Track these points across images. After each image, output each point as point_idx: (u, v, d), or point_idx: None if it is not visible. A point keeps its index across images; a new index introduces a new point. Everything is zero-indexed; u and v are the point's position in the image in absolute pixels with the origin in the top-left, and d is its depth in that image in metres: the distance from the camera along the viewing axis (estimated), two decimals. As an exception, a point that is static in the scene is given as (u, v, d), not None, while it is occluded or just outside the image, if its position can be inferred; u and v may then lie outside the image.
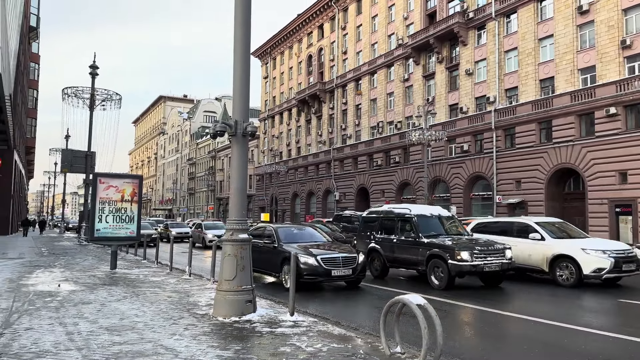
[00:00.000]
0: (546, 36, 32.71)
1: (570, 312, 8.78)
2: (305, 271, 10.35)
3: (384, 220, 13.80)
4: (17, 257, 17.43)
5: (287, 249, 10.91)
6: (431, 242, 11.70)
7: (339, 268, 10.51)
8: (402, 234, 12.79)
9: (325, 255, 10.64)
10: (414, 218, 12.58)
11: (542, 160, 31.76)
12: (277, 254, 11.27)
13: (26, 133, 49.39)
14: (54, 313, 7.16)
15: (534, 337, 6.75)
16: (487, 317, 8.23)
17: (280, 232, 12.22)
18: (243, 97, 7.25)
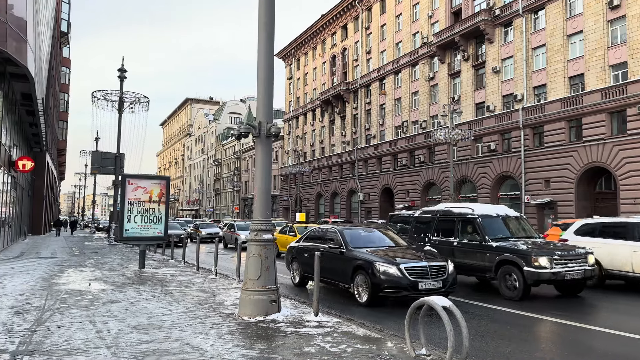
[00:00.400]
0: (575, 32, 31.96)
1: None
2: (386, 283, 8.59)
3: (441, 221, 12.39)
4: (49, 257, 17.92)
5: (360, 255, 9.36)
6: (501, 247, 10.33)
7: (426, 280, 8.66)
8: (463, 237, 11.47)
9: (410, 264, 8.79)
10: (478, 219, 11.22)
11: (571, 159, 31.05)
12: (346, 261, 9.56)
13: (58, 136, 50.75)
14: (84, 311, 7.34)
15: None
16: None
17: (347, 234, 10.39)
18: (267, 98, 7.30)
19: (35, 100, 21.92)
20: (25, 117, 26.75)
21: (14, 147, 23.59)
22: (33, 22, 19.50)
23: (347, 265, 9.47)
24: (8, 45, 15.93)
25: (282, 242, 19.87)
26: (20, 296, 8.72)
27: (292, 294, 10.02)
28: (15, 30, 16.73)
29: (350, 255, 9.55)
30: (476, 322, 7.49)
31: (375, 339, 5.89)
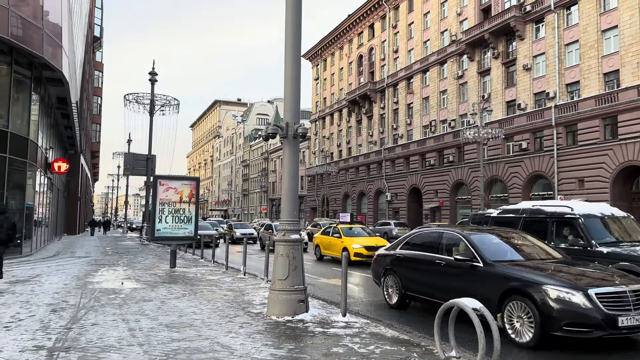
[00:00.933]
0: (610, 27, 31.05)
1: None
2: (566, 318, 5.87)
3: (529, 222, 10.38)
4: (84, 256, 18.42)
5: (511, 272, 6.60)
6: (615, 253, 8.54)
7: (628, 313, 5.87)
8: (559, 241, 9.54)
9: (604, 289, 6.02)
10: (579, 219, 9.38)
11: (606, 157, 30.16)
12: (486, 281, 6.82)
13: (91, 138, 52.14)
14: (118, 310, 7.52)
15: None
16: None
17: (478, 241, 7.49)
18: (294, 99, 7.33)
19: (69, 104, 22.59)
20: (61, 120, 27.60)
21: (49, 150, 24.35)
22: (67, 28, 20.09)
23: (489, 286, 6.72)
24: (44, 51, 16.46)
25: (325, 244, 18.99)
26: (57, 294, 8.99)
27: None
28: (50, 36, 17.28)
29: (493, 272, 6.78)
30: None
31: (404, 341, 5.84)
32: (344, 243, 17.27)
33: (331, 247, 18.35)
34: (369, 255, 15.88)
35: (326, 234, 19.57)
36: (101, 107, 55.43)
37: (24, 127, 17.64)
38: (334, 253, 18.00)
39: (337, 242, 18.01)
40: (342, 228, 19.15)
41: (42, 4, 16.79)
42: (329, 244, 18.62)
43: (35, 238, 19.89)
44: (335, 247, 17.97)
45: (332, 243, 18.40)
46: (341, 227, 19.31)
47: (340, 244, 17.57)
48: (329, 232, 19.47)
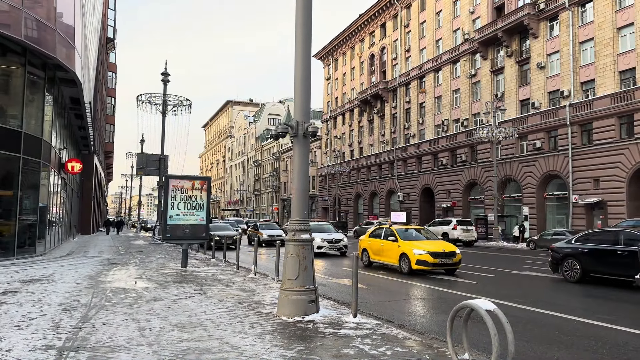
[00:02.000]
0: (626, 25, 30.57)
1: None
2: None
3: None
4: (96, 255, 18.55)
5: None
6: None
7: None
8: None
9: None
10: None
11: (622, 157, 29.69)
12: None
13: (105, 138, 52.61)
14: (128, 309, 7.51)
15: None
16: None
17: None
18: (304, 98, 7.27)
19: (83, 104, 22.78)
20: (74, 120, 27.84)
21: (63, 150, 24.57)
22: (81, 29, 20.25)
23: None
24: (58, 52, 16.59)
25: (375, 249, 16.15)
26: (69, 293, 9.02)
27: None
28: (64, 38, 17.42)
29: None
30: (522, 327, 7.21)
31: (416, 342, 5.75)
32: (402, 248, 14.41)
33: (384, 253, 15.56)
34: (434, 263, 13.69)
35: (376, 236, 16.66)
36: (115, 107, 55.90)
37: (38, 127, 17.80)
38: (388, 259, 15.28)
39: (392, 246, 15.07)
40: (397, 230, 16.14)
41: (55, 6, 16.91)
42: (381, 249, 15.78)
43: (49, 237, 20.06)
44: (389, 253, 15.17)
45: (385, 248, 15.51)
46: (396, 229, 16.29)
47: (396, 249, 14.71)
48: (380, 234, 16.60)
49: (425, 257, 13.72)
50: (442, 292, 10.85)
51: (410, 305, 9.42)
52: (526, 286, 12.20)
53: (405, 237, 15.19)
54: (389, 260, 15.15)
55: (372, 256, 16.28)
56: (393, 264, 14.82)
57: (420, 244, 14.48)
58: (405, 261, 14.04)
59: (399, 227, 17.07)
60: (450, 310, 4.42)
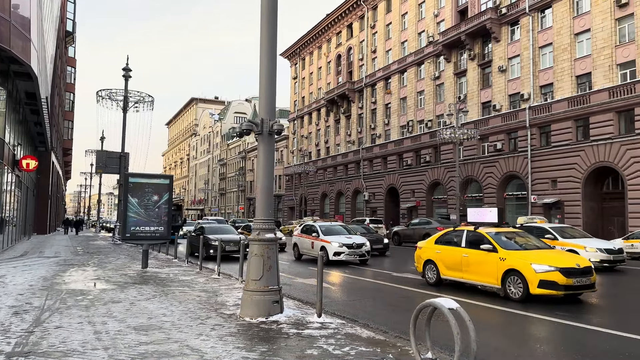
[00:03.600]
0: (583, 31, 31.65)
1: None
2: None
3: None
4: (52, 256, 17.87)
5: None
6: None
7: None
8: None
9: None
10: None
11: (579, 158, 30.75)
12: None
13: (63, 135, 50.88)
14: (84, 312, 7.23)
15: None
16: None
17: None
18: (269, 95, 7.16)
19: (39, 99, 21.91)
20: (30, 116, 26.77)
21: (18, 146, 23.59)
22: (37, 21, 19.46)
23: None
24: (12, 44, 15.88)
25: (451, 262, 11.28)
26: (21, 296, 8.63)
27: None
28: (19, 29, 16.68)
29: None
30: (483, 324, 7.31)
31: (380, 342, 5.74)
32: (509, 262, 9.88)
33: (470, 268, 10.77)
34: (568, 285, 9.38)
35: (449, 243, 11.74)
36: (74, 103, 54.14)
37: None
38: (477, 277, 10.56)
39: (485, 258, 10.35)
40: (490, 234, 10.94)
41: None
42: (463, 261, 10.93)
43: (1, 237, 19.21)
44: (481, 268, 10.48)
45: (471, 261, 10.74)
46: (487, 232, 11.05)
47: (495, 264, 10.12)
48: (456, 239, 11.51)
49: (553, 277, 9.30)
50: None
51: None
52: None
53: (506, 246, 10.51)
54: (480, 279, 10.49)
55: (444, 271, 11.42)
56: (488, 285, 10.30)
57: (537, 255, 10.01)
58: (515, 282, 9.68)
59: (492, 229, 11.46)
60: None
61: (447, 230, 12.44)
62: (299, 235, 19.44)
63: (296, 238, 19.62)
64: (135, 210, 12.92)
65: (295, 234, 20.28)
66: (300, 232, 19.64)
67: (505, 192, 36.39)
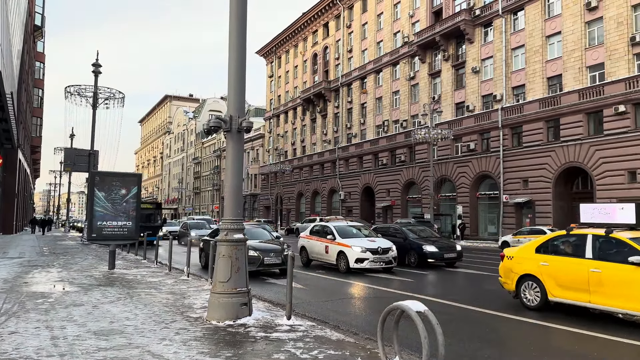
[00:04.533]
0: (554, 33, 32.24)
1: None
2: None
3: None
4: (16, 257, 17.24)
5: None
6: None
7: None
8: None
9: None
10: None
11: (549, 159, 31.32)
12: None
13: (31, 132, 49.40)
14: (43, 316, 6.90)
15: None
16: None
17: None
18: (238, 91, 6.95)
19: (3, 95, 21.13)
20: (-6, 112, 25.86)
21: (-19, 143, 22.73)
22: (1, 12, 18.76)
23: None
24: (-28, 36, 15.25)
25: (569, 280, 8.22)
26: (-24, 299, 8.22)
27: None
28: (-20, 21, 16.05)
29: None
30: (454, 325, 7.26)
31: (350, 344, 5.61)
32: None
33: (604, 289, 7.74)
34: None
35: (562, 253, 8.66)
36: (43, 100, 52.62)
37: (-51, 117, 16.30)
38: (622, 304, 7.50)
39: (635, 277, 7.32)
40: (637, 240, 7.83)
41: (-30, -14, 15.52)
42: (592, 279, 7.86)
43: (-38, 238, 18.46)
44: (627, 291, 7.43)
45: (606, 279, 7.71)
46: (630, 238, 7.83)
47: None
48: (570, 248, 8.62)
49: None
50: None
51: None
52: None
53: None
54: (625, 305, 7.45)
55: (552, 290, 8.43)
56: None
57: None
58: None
59: (632, 234, 8.09)
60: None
61: (556, 235, 9.26)
62: (309, 238, 16.59)
63: (304, 241, 16.71)
64: (102, 204, 12.50)
65: (302, 235, 17.36)
66: (309, 234, 16.79)
67: (477, 191, 36.84)
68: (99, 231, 12.57)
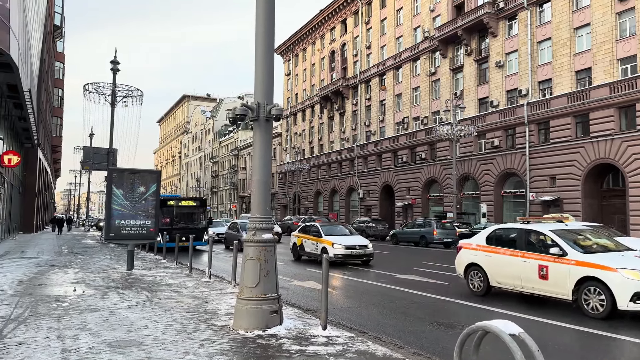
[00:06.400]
0: (582, 25, 31.02)
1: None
2: None
3: None
4: (34, 256, 16.90)
5: None
6: None
7: None
8: None
9: None
10: None
11: (578, 155, 30.14)
12: None
13: (51, 132, 49.62)
14: (55, 323, 6.34)
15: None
16: None
17: None
18: (265, 76, 6.30)
19: (22, 92, 20.84)
20: (14, 110, 25.69)
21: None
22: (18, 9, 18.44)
23: None
24: (-12, 31, 14.87)
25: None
26: (-13, 303, 7.73)
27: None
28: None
29: None
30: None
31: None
32: None
33: None
34: None
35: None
36: (63, 99, 52.88)
37: (-34, 115, 15.99)
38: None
39: None
40: None
41: (-15, -20, 15.15)
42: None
43: (-20, 237, 18.22)
44: None
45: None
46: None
47: None
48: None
49: None
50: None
51: (381, 310, 8.53)
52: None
53: None
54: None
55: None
56: None
57: None
58: None
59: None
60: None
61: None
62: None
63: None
64: (120, 202, 12.00)
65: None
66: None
67: (502, 189, 35.75)
68: (117, 230, 12.07)
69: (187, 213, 22.73)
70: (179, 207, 22.57)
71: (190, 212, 22.90)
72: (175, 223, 21.26)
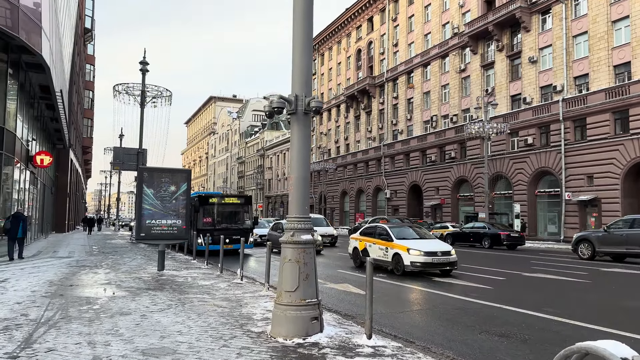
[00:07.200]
0: (620, 18, 29.81)
1: None
2: None
3: None
4: (65, 256, 16.95)
5: None
6: None
7: None
8: None
9: None
10: None
11: (617, 153, 28.94)
12: None
13: (83, 133, 50.48)
14: (86, 327, 6.09)
15: None
16: None
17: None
18: (304, 66, 5.91)
19: (53, 93, 21.04)
20: (46, 111, 26.07)
21: (32, 142, 22.82)
22: (49, 10, 18.58)
23: None
24: (20, 31, 14.95)
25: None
26: (18, 305, 7.55)
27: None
28: (29, 16, 15.77)
29: None
30: None
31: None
32: None
33: None
34: None
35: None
36: (93, 101, 53.76)
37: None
38: None
39: None
40: None
41: (18, -19, 15.24)
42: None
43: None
44: None
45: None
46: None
47: None
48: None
49: None
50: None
51: (422, 315, 8.08)
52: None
53: None
54: None
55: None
56: None
57: None
58: None
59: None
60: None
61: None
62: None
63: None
64: (150, 202, 11.81)
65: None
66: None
67: (536, 189, 34.65)
68: (148, 230, 11.90)
69: (231, 212, 20.61)
70: (222, 204, 20.36)
71: (234, 211, 20.71)
72: (217, 223, 19.23)
